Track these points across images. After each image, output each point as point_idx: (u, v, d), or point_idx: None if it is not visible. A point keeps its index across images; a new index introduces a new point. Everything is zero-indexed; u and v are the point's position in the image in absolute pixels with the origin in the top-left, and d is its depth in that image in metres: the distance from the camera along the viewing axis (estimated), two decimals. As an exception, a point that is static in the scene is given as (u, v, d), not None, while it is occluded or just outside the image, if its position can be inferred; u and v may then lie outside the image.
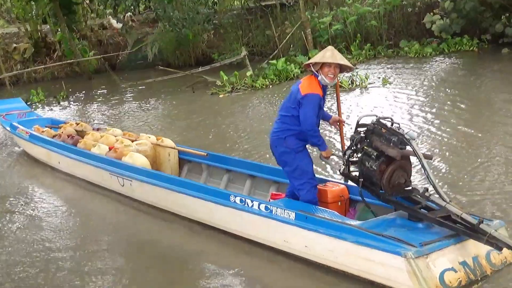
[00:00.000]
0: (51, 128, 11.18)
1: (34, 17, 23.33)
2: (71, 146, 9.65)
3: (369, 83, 14.62)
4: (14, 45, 23.44)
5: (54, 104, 18.07)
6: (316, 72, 6.21)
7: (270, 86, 16.42)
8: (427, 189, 5.66)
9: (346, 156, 6.12)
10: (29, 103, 18.07)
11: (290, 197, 6.55)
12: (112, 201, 8.65)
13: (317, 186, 6.46)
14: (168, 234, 7.41)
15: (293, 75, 16.91)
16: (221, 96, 15.94)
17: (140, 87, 18.73)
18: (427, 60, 17.27)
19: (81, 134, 10.51)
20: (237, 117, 13.53)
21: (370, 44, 19.31)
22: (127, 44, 23.16)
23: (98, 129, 10.82)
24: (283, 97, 14.23)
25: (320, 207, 6.18)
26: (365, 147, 5.82)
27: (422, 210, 5.71)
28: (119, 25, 24.13)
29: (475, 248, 5.45)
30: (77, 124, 11.09)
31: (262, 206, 6.26)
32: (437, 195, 5.69)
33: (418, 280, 5.06)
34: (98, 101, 17.87)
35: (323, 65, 6.19)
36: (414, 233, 5.48)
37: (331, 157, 6.48)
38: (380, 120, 5.89)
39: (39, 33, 23.75)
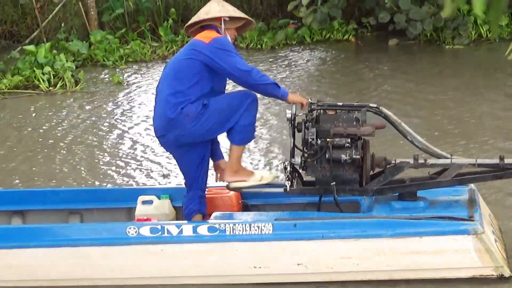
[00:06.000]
0: None
1: None
2: None
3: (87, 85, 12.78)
4: None
5: None
6: (216, 27, 6.05)
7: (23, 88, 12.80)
8: (417, 156, 5.77)
9: (294, 166, 5.85)
10: None
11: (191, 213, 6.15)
12: None
13: (207, 194, 6.31)
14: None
15: (63, 81, 12.66)
16: None
17: None
18: (275, 52, 14.33)
19: None
20: None
21: (190, 26, 14.92)
22: None
23: None
24: (40, 110, 11.68)
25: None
26: (328, 141, 5.70)
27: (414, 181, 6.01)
28: None
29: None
30: None
31: (202, 229, 5.81)
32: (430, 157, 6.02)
33: (492, 256, 5.42)
34: None
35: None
36: (440, 209, 5.79)
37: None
38: (319, 103, 5.88)
39: None
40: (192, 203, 6.07)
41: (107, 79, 12.56)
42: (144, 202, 6.37)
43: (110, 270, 5.96)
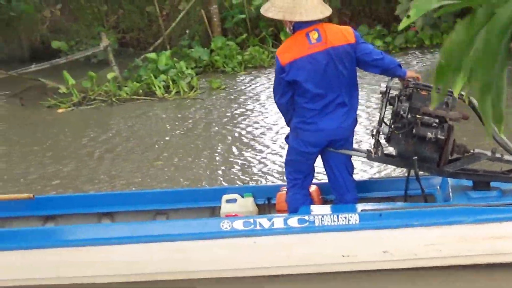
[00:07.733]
0: None
1: None
2: None
3: (201, 92, 12.68)
4: None
5: None
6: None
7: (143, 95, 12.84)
8: (495, 149, 5.97)
9: (384, 133, 6.03)
10: None
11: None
12: None
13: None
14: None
15: (184, 88, 12.54)
16: (60, 111, 12.61)
17: None
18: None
19: None
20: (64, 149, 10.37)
21: (312, 31, 14.45)
22: None
23: None
24: (164, 115, 11.74)
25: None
26: (417, 116, 5.88)
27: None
28: None
29: None
30: None
31: (292, 221, 6.02)
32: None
33: None
34: None
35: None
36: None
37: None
38: (414, 82, 5.99)
39: None
40: (302, 200, 6.30)
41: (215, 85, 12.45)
42: (228, 201, 6.59)
43: (206, 263, 6.17)
